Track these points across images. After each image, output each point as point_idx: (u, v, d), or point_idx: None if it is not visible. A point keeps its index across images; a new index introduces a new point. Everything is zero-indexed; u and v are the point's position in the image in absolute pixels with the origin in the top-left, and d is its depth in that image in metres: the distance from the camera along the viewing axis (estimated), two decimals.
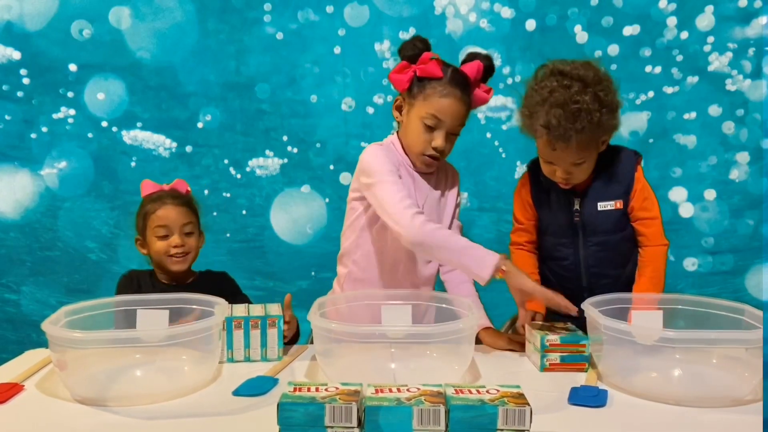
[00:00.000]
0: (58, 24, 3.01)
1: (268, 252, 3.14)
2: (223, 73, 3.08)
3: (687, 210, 2.98)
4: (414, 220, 1.71)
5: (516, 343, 1.83)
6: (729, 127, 2.95)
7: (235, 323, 1.72)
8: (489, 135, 3.07)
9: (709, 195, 2.97)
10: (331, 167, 3.09)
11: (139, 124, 3.08)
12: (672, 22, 2.91)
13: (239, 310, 1.78)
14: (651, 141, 3.02)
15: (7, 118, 3.06)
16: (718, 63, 2.92)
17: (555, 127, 1.74)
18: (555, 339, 1.66)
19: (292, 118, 3.11)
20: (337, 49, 3.04)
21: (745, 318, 1.59)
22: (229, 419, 1.39)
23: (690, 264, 3.04)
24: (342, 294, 1.98)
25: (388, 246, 1.92)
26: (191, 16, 3.04)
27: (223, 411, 1.42)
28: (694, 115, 2.94)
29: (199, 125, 3.09)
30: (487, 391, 1.22)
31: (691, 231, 3.03)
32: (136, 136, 3.09)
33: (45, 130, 3.07)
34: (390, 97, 3.00)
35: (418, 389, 1.23)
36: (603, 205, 1.88)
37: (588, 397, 1.47)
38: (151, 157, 3.09)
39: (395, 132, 1.99)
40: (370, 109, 3.05)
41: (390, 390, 1.22)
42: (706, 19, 2.90)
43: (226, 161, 3.12)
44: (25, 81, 3.03)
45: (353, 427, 1.16)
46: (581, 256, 1.92)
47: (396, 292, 1.85)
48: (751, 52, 2.90)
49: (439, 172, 2.00)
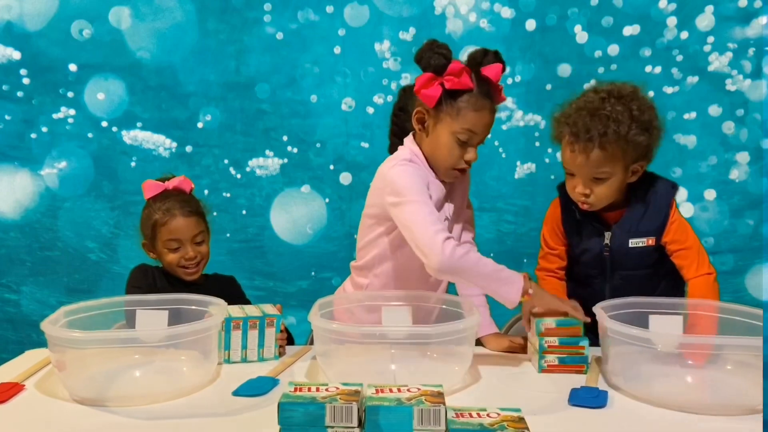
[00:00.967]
0: (58, 24, 3.01)
1: (268, 252, 3.14)
2: (223, 73, 3.08)
3: (687, 210, 2.98)
4: (445, 248, 1.61)
5: (517, 346, 1.83)
6: (729, 127, 2.95)
7: (234, 324, 1.72)
8: (489, 135, 3.06)
9: (709, 195, 2.97)
10: (331, 167, 3.09)
11: (139, 124, 3.08)
12: (672, 22, 2.91)
13: (235, 310, 1.78)
14: None
15: (7, 118, 3.06)
16: (718, 63, 2.92)
17: (580, 130, 1.75)
18: (553, 341, 1.66)
19: (292, 118, 3.11)
20: (337, 49, 3.04)
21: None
22: (228, 420, 1.39)
23: None
24: (346, 294, 1.97)
25: (416, 264, 1.74)
26: (191, 16, 3.04)
27: (223, 411, 1.42)
28: (694, 115, 2.94)
29: (199, 125, 3.09)
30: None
31: None
32: (136, 136, 3.09)
33: (45, 130, 3.07)
34: (390, 98, 3.00)
35: (419, 389, 1.23)
36: (634, 242, 1.86)
37: (588, 398, 1.47)
38: (151, 157, 3.08)
39: (412, 138, 1.87)
40: (370, 109, 3.05)
41: (390, 390, 1.22)
42: (706, 19, 2.89)
43: (226, 161, 3.12)
44: (25, 81, 3.03)
45: (354, 427, 1.16)
46: (607, 288, 1.90)
47: (401, 293, 1.84)
48: (751, 52, 2.90)
49: (457, 186, 1.93)
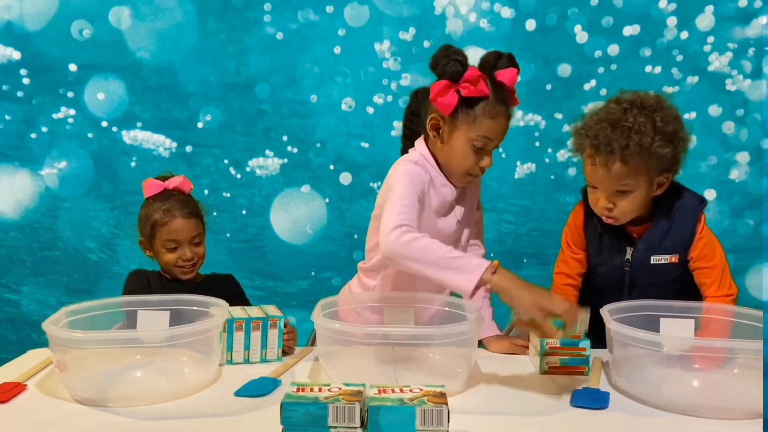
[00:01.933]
0: (58, 24, 3.00)
1: (268, 252, 3.14)
2: (223, 73, 3.07)
3: None
4: (391, 234, 1.55)
5: (518, 347, 1.82)
6: (729, 127, 2.95)
7: (237, 324, 1.72)
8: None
9: (709, 195, 2.96)
10: (331, 167, 3.08)
11: (139, 124, 3.08)
12: (672, 22, 2.91)
13: (237, 311, 1.78)
14: None
15: (7, 118, 3.05)
16: (718, 63, 2.92)
17: (601, 143, 1.71)
18: (554, 342, 1.66)
19: (292, 118, 3.10)
20: (337, 49, 3.04)
21: None
22: (230, 420, 1.39)
23: None
24: (349, 295, 1.97)
25: None
26: (191, 16, 3.03)
27: (225, 412, 1.42)
28: (694, 115, 2.94)
29: (199, 125, 3.09)
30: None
31: None
32: (136, 136, 3.08)
33: (45, 130, 3.06)
34: (390, 98, 3.00)
35: (421, 390, 1.23)
36: (657, 259, 1.82)
37: (590, 400, 1.47)
38: (151, 157, 3.08)
39: (422, 140, 1.86)
40: (370, 109, 3.05)
41: (393, 390, 1.22)
42: (706, 19, 2.89)
43: (226, 161, 3.11)
44: (25, 81, 3.03)
45: (356, 428, 1.16)
46: (623, 300, 1.83)
47: (404, 295, 1.84)
48: (751, 52, 2.90)
49: (469, 189, 1.93)
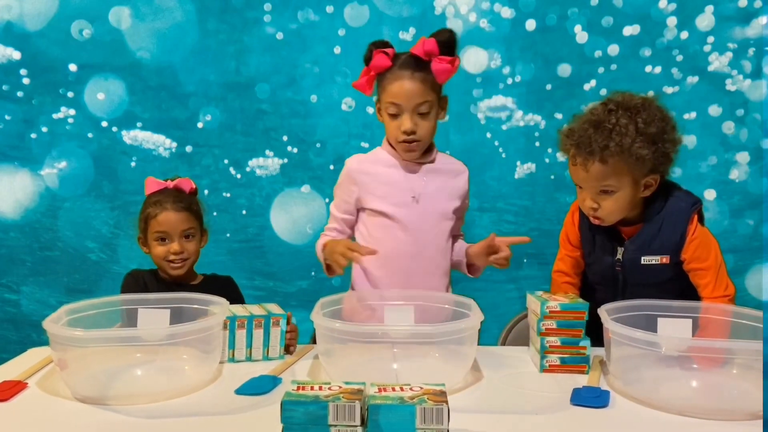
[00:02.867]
0: (58, 24, 3.00)
1: (268, 252, 3.14)
2: (223, 73, 3.07)
3: None
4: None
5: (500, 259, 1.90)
6: (729, 127, 2.95)
7: (239, 322, 1.72)
8: (489, 135, 3.07)
9: (709, 195, 2.96)
10: (331, 167, 3.08)
11: (139, 124, 3.08)
12: (672, 22, 2.91)
13: (239, 310, 1.78)
14: None
15: (7, 118, 3.05)
16: (718, 63, 2.92)
17: (582, 143, 1.73)
18: (555, 340, 1.66)
19: (292, 118, 3.10)
20: (337, 49, 3.04)
21: None
22: (231, 418, 1.39)
23: None
24: (349, 293, 1.98)
25: (388, 246, 1.95)
26: (191, 16, 3.04)
27: (225, 410, 1.42)
28: (694, 115, 2.94)
29: (199, 125, 3.09)
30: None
31: None
32: (136, 136, 3.08)
33: (45, 130, 3.06)
34: None
35: (421, 388, 1.23)
36: (647, 260, 1.83)
37: (590, 398, 1.47)
38: (151, 157, 3.08)
39: None
40: (370, 109, 3.04)
41: (393, 389, 1.22)
42: (706, 19, 2.89)
43: (226, 161, 3.12)
44: (25, 81, 3.03)
45: (356, 426, 1.16)
46: (618, 299, 1.82)
47: (403, 293, 1.84)
48: (751, 52, 2.90)
49: (437, 171, 2.03)
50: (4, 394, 1.47)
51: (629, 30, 2.94)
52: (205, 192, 3.02)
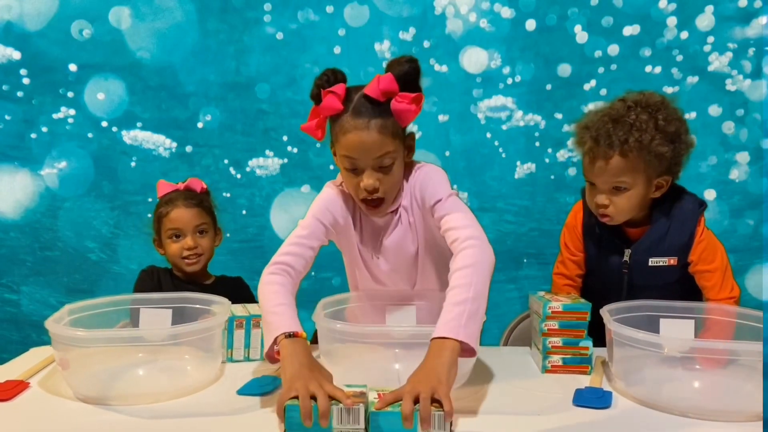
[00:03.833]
0: (58, 24, 3.00)
1: (268, 252, 3.09)
2: (223, 73, 3.07)
3: None
4: (265, 269, 1.70)
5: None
6: (729, 127, 2.95)
7: (237, 322, 1.72)
8: (489, 135, 3.07)
9: (709, 195, 2.96)
10: (331, 167, 3.07)
11: (139, 124, 3.08)
12: (672, 22, 2.91)
13: (238, 309, 1.78)
14: None
15: (7, 118, 3.05)
16: (718, 63, 2.92)
17: (601, 136, 1.72)
18: (557, 341, 1.66)
19: (292, 118, 3.10)
20: (337, 49, 3.04)
21: None
22: (232, 419, 1.38)
23: None
24: (350, 294, 1.97)
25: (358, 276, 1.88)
26: (191, 16, 3.03)
27: (227, 410, 1.42)
28: (694, 115, 2.94)
29: (199, 125, 3.09)
30: None
31: None
32: (136, 136, 3.08)
33: (45, 130, 3.06)
34: None
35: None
36: (655, 261, 1.81)
37: (593, 399, 1.47)
38: (151, 157, 3.08)
39: None
40: None
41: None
42: (706, 19, 2.90)
43: (226, 161, 3.12)
44: (25, 81, 3.03)
45: (360, 429, 1.16)
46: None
47: (405, 293, 1.83)
48: (751, 52, 2.90)
49: (405, 214, 1.74)
50: (6, 393, 1.47)
51: (629, 30, 2.94)
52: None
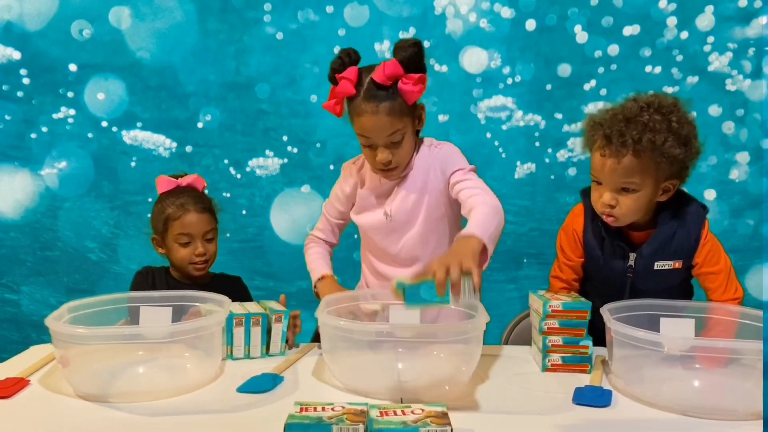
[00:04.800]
0: (58, 24, 3.00)
1: (268, 252, 3.14)
2: (223, 73, 3.08)
3: None
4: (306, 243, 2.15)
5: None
6: (729, 127, 2.96)
7: (236, 320, 1.72)
8: (489, 135, 3.07)
9: (709, 195, 2.97)
10: (331, 167, 3.08)
11: (139, 124, 3.08)
12: (672, 22, 2.91)
13: (236, 308, 1.78)
14: None
15: (7, 118, 3.05)
16: (718, 63, 2.92)
17: (613, 134, 1.70)
18: (557, 340, 1.66)
19: (292, 118, 3.10)
20: (337, 49, 2.98)
21: None
22: (232, 416, 1.38)
23: None
24: (353, 292, 1.97)
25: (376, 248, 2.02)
26: (191, 16, 3.04)
27: (227, 408, 1.42)
28: (694, 115, 2.91)
29: (199, 125, 3.09)
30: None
31: None
32: (136, 136, 3.08)
33: (45, 130, 3.07)
34: None
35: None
36: (660, 265, 1.80)
37: (593, 397, 1.47)
38: (151, 157, 3.08)
39: None
40: None
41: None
42: (706, 19, 2.90)
43: (226, 161, 3.12)
44: (25, 81, 3.03)
45: None
46: None
47: None
48: (751, 52, 2.90)
49: (416, 177, 1.91)
50: (6, 391, 1.47)
51: (629, 30, 2.94)
52: (206, 192, 3.02)
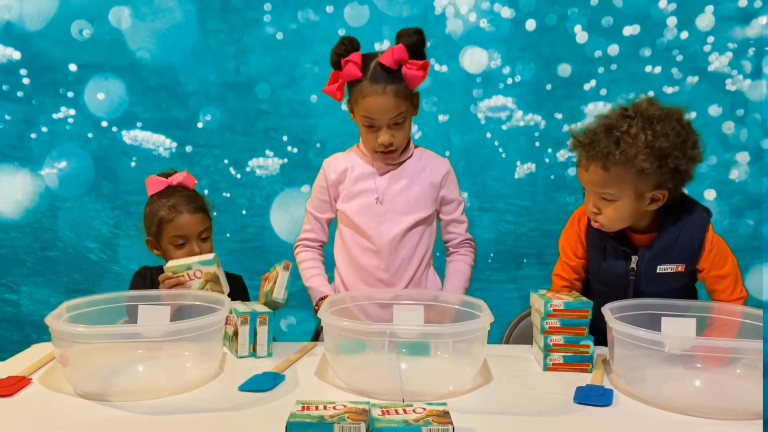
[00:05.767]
0: (58, 24, 3.00)
1: (268, 252, 3.14)
2: (223, 73, 3.07)
3: None
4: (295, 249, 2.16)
5: None
6: (729, 127, 2.96)
7: (242, 318, 1.72)
8: (489, 135, 3.07)
9: (709, 195, 2.97)
10: None
11: (139, 124, 3.08)
12: (672, 22, 2.91)
13: (241, 306, 1.78)
14: None
15: (7, 118, 3.05)
16: (718, 63, 2.92)
17: (588, 146, 1.70)
18: (558, 339, 1.66)
19: (292, 118, 3.10)
20: None
21: None
22: (232, 415, 1.38)
23: None
24: (358, 292, 1.97)
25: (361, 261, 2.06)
26: (191, 16, 3.04)
27: (228, 407, 1.42)
28: (694, 115, 2.93)
29: (199, 125, 3.09)
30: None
31: None
32: (136, 136, 3.08)
33: (45, 130, 3.06)
34: None
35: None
36: (663, 268, 1.79)
37: (594, 396, 1.47)
38: (151, 157, 3.08)
39: None
40: None
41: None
42: (706, 19, 2.90)
43: (226, 161, 3.12)
44: (25, 81, 3.03)
45: None
46: None
47: (413, 292, 1.83)
48: (751, 52, 2.90)
49: (411, 167, 2.05)
50: (7, 389, 1.47)
51: (629, 30, 2.94)
52: (205, 192, 3.01)
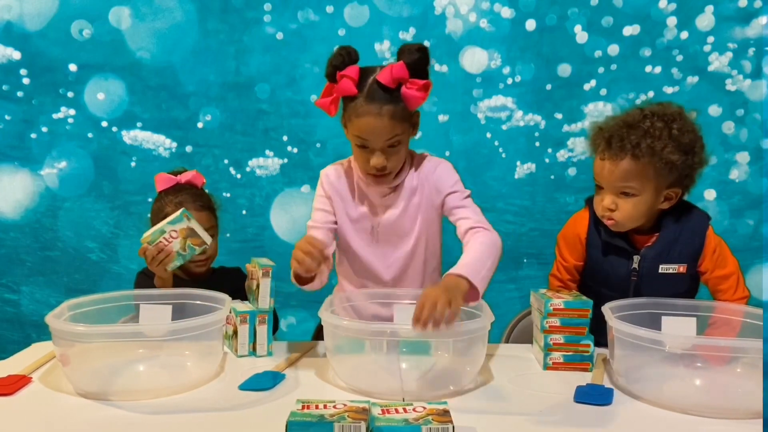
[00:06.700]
0: (58, 24, 3.00)
1: (268, 252, 3.13)
2: (223, 73, 3.07)
3: None
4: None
5: None
6: (729, 127, 2.95)
7: (241, 318, 1.72)
8: (489, 135, 3.07)
9: (709, 195, 2.96)
10: None
11: (139, 124, 3.07)
12: (672, 22, 2.91)
13: (240, 305, 1.78)
14: None
15: (7, 118, 3.05)
16: (718, 63, 2.92)
17: (614, 138, 1.74)
18: (558, 338, 1.66)
19: (292, 118, 3.10)
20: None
21: None
22: (233, 414, 1.38)
23: None
24: (358, 292, 1.97)
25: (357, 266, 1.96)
26: (191, 16, 3.03)
27: (228, 406, 1.42)
28: (694, 115, 2.93)
29: (199, 125, 3.09)
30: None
31: None
32: (136, 136, 3.08)
33: (45, 130, 3.06)
34: None
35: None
36: (665, 268, 1.82)
37: (594, 396, 1.47)
38: (151, 157, 3.08)
39: None
40: None
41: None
42: (706, 19, 2.90)
43: (226, 161, 3.11)
44: (25, 81, 3.03)
45: None
46: None
47: (413, 291, 1.83)
48: (751, 52, 2.90)
49: (405, 187, 1.88)
50: (8, 388, 1.47)
51: (629, 30, 2.94)
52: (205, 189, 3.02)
